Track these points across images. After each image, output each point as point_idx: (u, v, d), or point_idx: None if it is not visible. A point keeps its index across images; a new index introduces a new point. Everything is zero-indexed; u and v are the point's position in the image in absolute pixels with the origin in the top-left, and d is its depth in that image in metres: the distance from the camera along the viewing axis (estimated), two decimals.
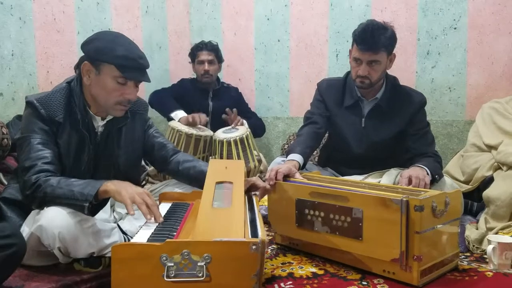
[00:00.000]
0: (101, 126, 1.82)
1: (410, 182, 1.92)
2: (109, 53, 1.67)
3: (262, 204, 2.46)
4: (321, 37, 3.50)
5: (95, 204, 1.60)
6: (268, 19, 3.67)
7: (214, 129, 3.16)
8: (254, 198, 1.72)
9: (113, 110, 1.76)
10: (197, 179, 1.91)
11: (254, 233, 1.33)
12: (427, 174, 1.98)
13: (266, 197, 2.04)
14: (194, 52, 3.38)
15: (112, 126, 1.85)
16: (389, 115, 2.25)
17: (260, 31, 3.71)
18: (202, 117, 2.99)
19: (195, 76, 3.52)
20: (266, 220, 2.11)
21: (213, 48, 3.37)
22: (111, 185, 1.60)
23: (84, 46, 1.75)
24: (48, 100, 1.71)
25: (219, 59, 3.41)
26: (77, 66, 1.78)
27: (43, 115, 1.69)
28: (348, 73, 2.36)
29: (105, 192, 1.59)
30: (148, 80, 1.75)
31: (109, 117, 1.83)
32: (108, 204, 1.87)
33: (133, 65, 1.69)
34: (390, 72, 2.32)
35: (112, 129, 1.85)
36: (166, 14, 3.76)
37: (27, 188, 1.62)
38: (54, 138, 1.71)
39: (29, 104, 1.71)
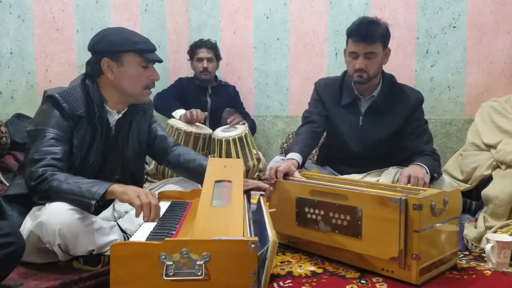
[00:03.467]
0: (116, 120, 1.86)
1: (409, 181, 1.92)
2: (127, 43, 1.77)
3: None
4: (320, 36, 3.50)
5: (100, 204, 1.61)
6: (267, 17, 3.67)
7: (213, 126, 3.17)
8: (261, 199, 1.72)
9: (142, 95, 1.86)
10: (196, 173, 1.93)
11: (263, 234, 1.33)
12: (427, 172, 1.98)
13: None
14: (193, 50, 3.41)
15: (124, 120, 1.89)
16: (387, 113, 2.25)
17: (259, 29, 3.71)
18: (199, 112, 3.00)
19: (193, 74, 3.53)
20: None
21: (212, 46, 3.41)
22: (118, 187, 1.62)
23: (96, 45, 1.79)
24: (69, 94, 1.75)
25: (217, 57, 3.45)
26: (91, 69, 1.81)
27: (65, 109, 1.71)
28: (345, 72, 2.36)
29: (112, 193, 1.61)
30: (161, 60, 1.86)
31: (124, 110, 1.88)
32: None
33: (148, 48, 1.81)
34: (388, 70, 2.32)
35: (124, 123, 1.90)
36: (165, 12, 3.76)
37: (33, 179, 1.62)
38: (70, 135, 1.73)
39: (50, 98, 1.72)
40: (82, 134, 1.76)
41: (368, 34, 2.12)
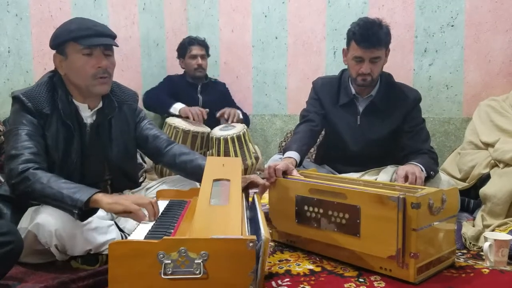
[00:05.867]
0: (90, 116, 1.82)
1: (406, 179, 1.93)
2: (64, 33, 1.71)
3: (263, 202, 2.47)
4: (318, 35, 3.50)
5: (86, 210, 1.56)
6: (265, 16, 3.67)
7: (205, 122, 3.17)
8: (255, 197, 1.72)
9: (94, 86, 1.75)
10: (194, 173, 1.90)
11: (257, 231, 1.33)
12: (422, 171, 1.99)
13: (266, 195, 2.04)
14: (186, 47, 3.43)
15: (102, 118, 1.85)
16: (384, 112, 2.26)
17: (258, 28, 3.71)
18: (199, 111, 3.01)
19: (182, 72, 3.53)
20: (267, 217, 2.11)
21: (204, 43, 3.47)
22: (104, 197, 1.56)
23: (49, 42, 1.77)
24: (33, 93, 1.72)
25: (208, 54, 3.50)
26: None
27: (30, 109, 1.69)
28: (342, 72, 2.36)
29: (96, 202, 1.55)
30: (113, 44, 1.75)
31: (98, 107, 1.83)
32: None
33: (88, 33, 1.70)
34: (386, 69, 2.32)
35: (103, 121, 1.85)
36: (163, 11, 3.75)
37: (13, 177, 1.60)
38: (42, 131, 1.71)
39: (16, 99, 1.72)
40: (54, 132, 1.73)
41: (377, 40, 2.11)
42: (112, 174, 1.89)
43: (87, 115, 1.81)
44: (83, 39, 1.69)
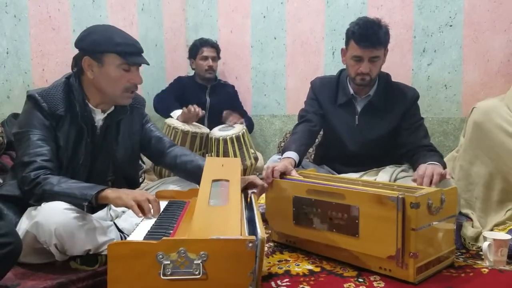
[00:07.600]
0: (102, 119, 1.85)
1: (427, 178, 1.82)
2: (109, 43, 1.73)
3: (260, 202, 2.47)
4: (317, 35, 3.50)
5: (94, 206, 1.62)
6: (264, 16, 3.67)
7: (211, 125, 3.18)
8: (253, 197, 1.72)
9: (122, 98, 1.80)
10: (194, 174, 1.92)
11: (253, 232, 1.33)
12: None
13: (263, 195, 2.04)
14: (198, 48, 3.43)
15: (112, 120, 1.88)
16: (383, 112, 2.26)
17: (256, 28, 3.70)
18: (197, 107, 3.01)
19: (192, 73, 3.54)
20: (263, 218, 2.11)
21: (216, 45, 3.50)
22: (111, 192, 1.62)
23: (79, 42, 1.78)
24: (49, 93, 1.74)
25: (219, 56, 3.51)
26: (75, 64, 1.81)
27: (44, 109, 1.71)
28: (341, 71, 2.36)
29: (105, 197, 1.61)
30: (147, 63, 1.81)
31: (110, 110, 1.86)
32: None
33: (132, 50, 1.76)
34: (385, 69, 2.32)
35: (112, 123, 1.88)
36: (162, 11, 3.75)
37: (26, 184, 1.63)
38: (54, 133, 1.73)
39: (30, 97, 1.73)
40: (66, 133, 1.75)
41: (377, 39, 2.12)
42: (115, 175, 1.92)
43: (100, 118, 1.84)
44: (129, 56, 1.74)
